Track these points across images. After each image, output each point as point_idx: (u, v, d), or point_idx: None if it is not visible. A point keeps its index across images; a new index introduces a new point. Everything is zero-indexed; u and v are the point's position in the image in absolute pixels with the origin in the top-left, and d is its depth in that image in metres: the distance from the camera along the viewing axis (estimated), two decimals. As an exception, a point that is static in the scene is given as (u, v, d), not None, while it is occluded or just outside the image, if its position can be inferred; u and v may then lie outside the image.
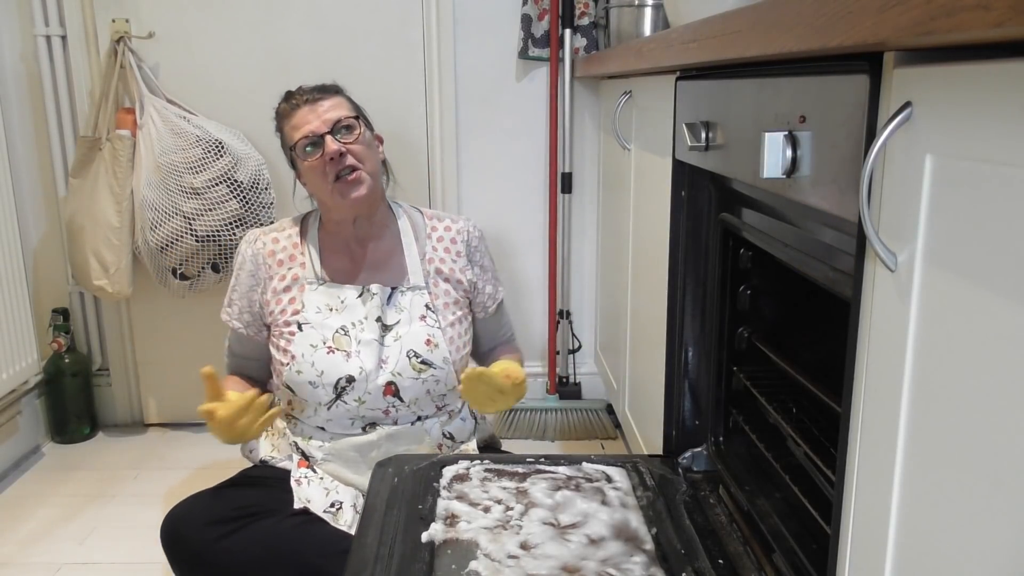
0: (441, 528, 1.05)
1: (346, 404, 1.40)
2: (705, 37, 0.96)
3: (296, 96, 1.42)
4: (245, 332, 1.49)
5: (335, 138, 1.37)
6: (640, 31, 1.97)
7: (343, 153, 1.36)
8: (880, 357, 0.61)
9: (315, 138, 1.37)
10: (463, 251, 1.52)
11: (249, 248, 1.48)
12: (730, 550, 1.04)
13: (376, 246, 1.48)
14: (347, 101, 1.44)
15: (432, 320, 1.44)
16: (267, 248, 1.47)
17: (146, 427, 2.38)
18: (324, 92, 1.42)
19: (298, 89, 1.44)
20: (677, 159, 1.24)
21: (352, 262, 1.47)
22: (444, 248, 1.51)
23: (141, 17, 2.12)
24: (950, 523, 0.52)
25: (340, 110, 1.40)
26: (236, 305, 1.49)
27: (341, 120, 1.38)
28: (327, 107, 1.39)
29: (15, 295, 2.06)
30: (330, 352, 1.39)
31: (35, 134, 2.20)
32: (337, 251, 1.47)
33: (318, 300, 1.42)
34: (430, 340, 1.42)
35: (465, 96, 2.23)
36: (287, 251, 1.47)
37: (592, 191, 2.31)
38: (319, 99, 1.40)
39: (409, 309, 1.44)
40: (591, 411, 2.29)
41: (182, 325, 2.30)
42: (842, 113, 0.66)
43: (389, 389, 1.40)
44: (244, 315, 1.48)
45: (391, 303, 1.44)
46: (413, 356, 1.41)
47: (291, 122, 1.41)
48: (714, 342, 1.25)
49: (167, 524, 1.34)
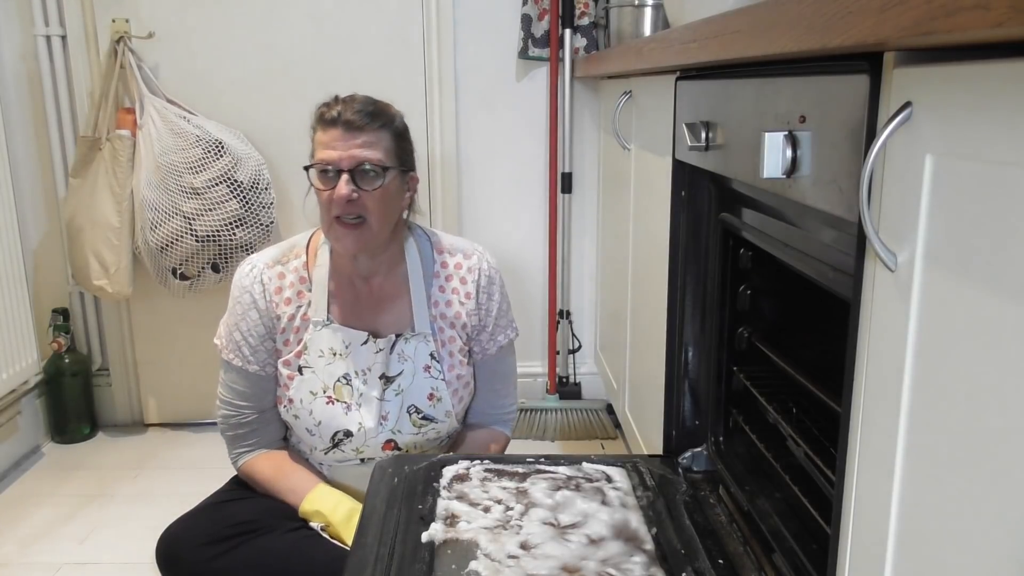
0: (441, 528, 1.05)
1: (343, 452, 1.37)
2: (705, 37, 0.96)
3: (340, 107, 1.26)
4: (263, 373, 1.37)
5: (352, 180, 1.24)
6: (640, 31, 1.97)
7: (351, 200, 1.25)
8: (880, 357, 0.61)
9: (332, 171, 1.25)
10: (473, 292, 1.40)
11: (256, 286, 1.35)
12: (730, 550, 1.04)
13: (382, 283, 1.38)
14: (390, 138, 1.29)
15: (436, 371, 1.36)
16: (273, 285, 1.36)
17: (146, 427, 2.38)
18: (371, 120, 1.26)
19: (347, 99, 1.28)
20: (677, 159, 1.24)
21: (357, 300, 1.37)
22: (452, 289, 1.40)
23: (141, 17, 2.12)
24: (950, 523, 0.52)
25: (373, 151, 1.26)
26: (247, 346, 1.36)
27: (366, 164, 1.25)
28: (361, 142, 1.25)
29: (15, 295, 2.06)
30: (329, 403, 1.33)
31: (35, 134, 2.20)
32: (343, 285, 1.37)
33: (322, 343, 1.34)
34: (433, 394, 1.36)
35: (465, 96, 2.23)
36: (294, 287, 1.36)
37: (592, 191, 2.31)
38: (359, 129, 1.25)
39: (413, 358, 1.36)
40: (591, 411, 2.29)
41: (182, 325, 2.30)
42: (842, 113, 0.66)
43: (389, 445, 1.37)
44: (259, 353, 1.36)
45: (394, 351, 1.35)
46: (414, 412, 1.36)
47: (320, 136, 1.27)
48: (714, 342, 1.25)
49: (162, 545, 1.30)
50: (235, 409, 1.38)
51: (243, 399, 1.38)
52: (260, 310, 1.35)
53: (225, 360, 1.38)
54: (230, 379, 1.38)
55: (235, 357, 1.36)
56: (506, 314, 1.47)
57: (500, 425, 1.50)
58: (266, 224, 2.09)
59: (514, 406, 1.54)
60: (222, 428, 1.41)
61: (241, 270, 1.38)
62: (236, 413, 1.38)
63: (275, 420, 1.41)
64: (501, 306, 1.44)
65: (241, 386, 1.37)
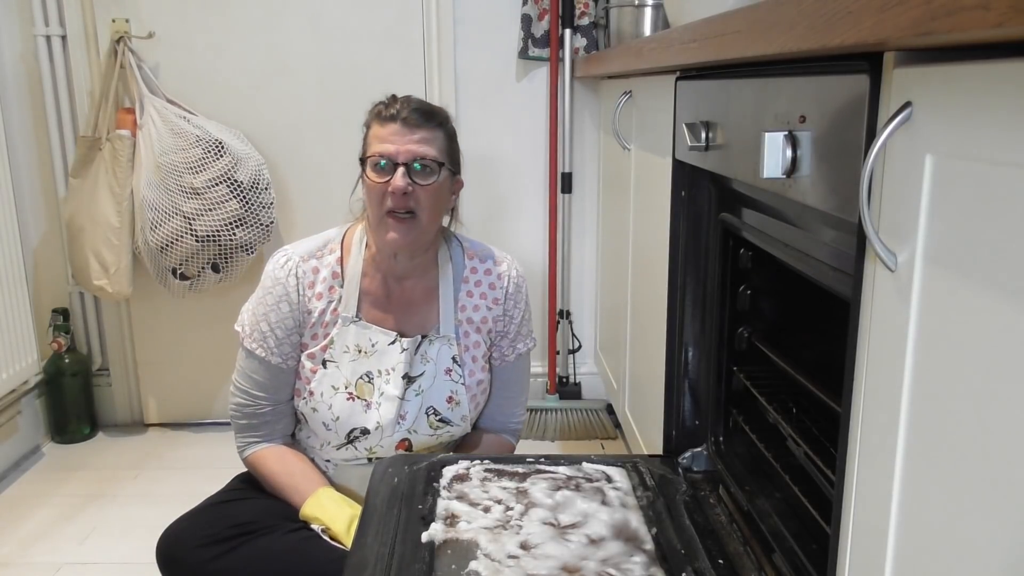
0: (441, 528, 1.05)
1: (356, 450, 1.37)
2: (705, 37, 0.96)
3: (398, 106, 1.30)
4: (284, 366, 1.36)
5: (408, 174, 1.27)
6: (640, 31, 1.97)
7: (406, 193, 1.27)
8: (880, 357, 0.61)
9: (389, 163, 1.27)
10: (500, 298, 1.42)
11: (291, 279, 1.35)
12: (730, 550, 1.04)
13: (414, 284, 1.39)
14: (445, 138, 1.33)
15: (457, 375, 1.38)
16: (307, 279, 1.36)
17: (146, 427, 2.38)
18: (427, 119, 1.30)
19: (405, 99, 1.32)
20: (677, 159, 1.24)
21: (388, 299, 1.38)
22: (480, 294, 1.42)
23: (141, 17, 2.12)
24: (950, 523, 0.52)
25: (430, 147, 1.29)
26: (272, 338, 1.35)
27: (424, 159, 1.28)
28: (419, 138, 1.28)
29: (15, 295, 2.06)
30: (350, 399, 1.34)
31: (35, 134, 2.20)
32: (376, 283, 1.38)
33: (348, 339, 1.35)
34: (452, 398, 1.37)
35: (465, 96, 2.23)
36: (327, 282, 1.36)
37: (592, 191, 2.31)
38: (417, 126, 1.28)
39: (436, 360, 1.37)
40: (591, 411, 2.29)
41: (182, 325, 2.30)
42: (842, 113, 0.66)
43: (403, 444, 1.37)
44: (284, 346, 1.36)
45: (418, 352, 1.37)
46: (432, 414, 1.37)
47: (377, 131, 1.30)
48: (714, 342, 1.25)
49: (162, 546, 1.30)
50: (251, 399, 1.37)
51: (261, 389, 1.37)
52: (292, 303, 1.35)
53: (247, 348, 1.37)
54: (250, 368, 1.37)
55: (259, 347, 1.35)
56: (528, 323, 1.48)
57: (508, 435, 1.51)
58: (266, 224, 2.09)
59: (523, 416, 1.55)
60: (233, 415, 1.40)
61: (275, 260, 1.37)
62: (251, 403, 1.38)
63: (288, 414, 1.41)
64: (525, 315, 1.47)
65: (261, 376, 1.36)
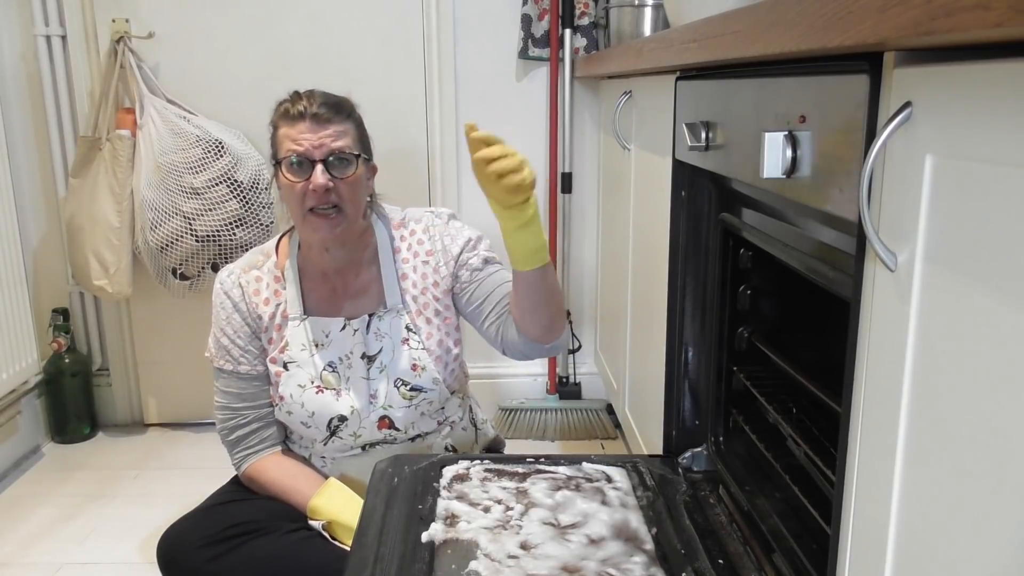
0: (441, 528, 1.05)
1: (342, 439, 1.37)
2: (705, 37, 0.96)
3: (305, 102, 1.28)
4: (254, 372, 1.39)
5: (327, 170, 1.26)
6: (640, 31, 1.97)
7: (328, 189, 1.26)
8: (880, 357, 0.61)
9: (306, 162, 1.26)
10: (433, 249, 1.40)
11: (235, 290, 1.38)
12: (730, 550, 1.04)
13: (355, 271, 1.40)
14: (355, 129, 1.32)
15: (416, 341, 1.37)
16: (251, 287, 1.38)
17: (146, 427, 2.38)
18: (335, 112, 1.28)
19: (308, 94, 1.29)
20: (677, 159, 1.24)
21: (332, 291, 1.39)
22: (414, 254, 1.41)
23: (141, 17, 2.12)
24: (950, 523, 0.52)
25: (343, 140, 1.28)
26: (235, 348, 1.38)
27: (340, 153, 1.27)
28: (331, 132, 1.26)
29: (15, 295, 2.06)
30: (319, 392, 1.35)
31: (35, 134, 2.20)
32: (317, 279, 1.39)
33: (302, 336, 1.36)
34: (416, 365, 1.36)
35: (465, 96, 2.23)
36: (270, 287, 1.38)
37: (592, 191, 2.31)
38: (327, 121, 1.27)
39: (390, 334, 1.37)
40: (591, 411, 2.29)
41: (182, 325, 2.30)
42: (842, 113, 0.66)
43: (384, 423, 1.37)
44: (248, 354, 1.39)
45: (370, 330, 1.37)
46: (401, 385, 1.36)
47: (287, 131, 1.28)
48: (714, 342, 1.25)
49: (163, 546, 1.31)
50: (232, 413, 1.40)
51: (239, 400, 1.40)
52: (242, 312, 1.38)
53: (217, 368, 1.40)
54: (224, 384, 1.40)
55: (225, 361, 1.39)
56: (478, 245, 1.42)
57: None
58: (266, 224, 2.10)
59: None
60: (223, 435, 1.42)
61: (219, 278, 1.41)
62: (233, 416, 1.40)
63: (274, 422, 1.42)
64: (468, 243, 1.41)
65: (236, 388, 1.39)
